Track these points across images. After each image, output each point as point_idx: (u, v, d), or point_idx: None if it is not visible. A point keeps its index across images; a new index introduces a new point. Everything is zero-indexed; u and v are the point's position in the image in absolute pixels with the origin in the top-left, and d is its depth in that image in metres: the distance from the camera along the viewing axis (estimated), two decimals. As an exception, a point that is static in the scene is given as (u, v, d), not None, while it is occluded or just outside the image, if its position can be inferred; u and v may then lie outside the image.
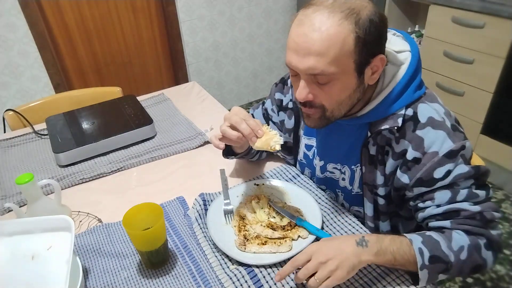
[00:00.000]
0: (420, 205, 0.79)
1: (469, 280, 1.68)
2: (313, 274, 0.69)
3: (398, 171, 0.80)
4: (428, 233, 0.75)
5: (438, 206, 0.76)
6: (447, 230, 0.75)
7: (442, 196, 0.75)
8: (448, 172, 0.74)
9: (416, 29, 2.54)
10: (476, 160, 1.00)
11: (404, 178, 0.79)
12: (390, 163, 0.81)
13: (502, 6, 1.81)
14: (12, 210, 0.95)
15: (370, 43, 0.70)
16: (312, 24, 0.69)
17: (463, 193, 0.74)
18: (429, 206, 0.77)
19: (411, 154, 0.76)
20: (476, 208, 0.74)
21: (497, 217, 0.76)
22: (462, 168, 0.74)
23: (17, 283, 0.74)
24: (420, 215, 0.80)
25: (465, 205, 0.74)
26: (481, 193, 0.75)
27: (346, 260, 0.69)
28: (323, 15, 0.68)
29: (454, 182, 0.74)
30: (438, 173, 0.74)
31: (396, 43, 0.81)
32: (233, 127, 0.83)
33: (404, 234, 0.75)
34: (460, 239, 0.73)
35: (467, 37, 2.01)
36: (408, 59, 0.79)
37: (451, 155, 0.73)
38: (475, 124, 2.12)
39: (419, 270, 0.71)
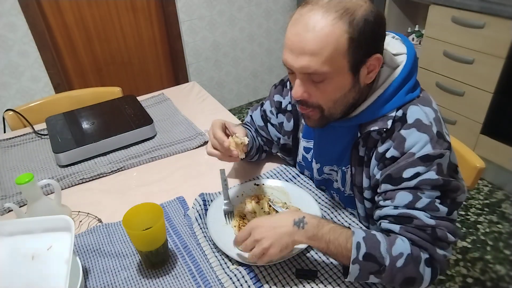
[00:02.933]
0: (381, 202, 0.78)
1: (469, 280, 1.68)
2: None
3: (375, 169, 0.80)
4: (373, 232, 0.75)
5: (396, 207, 0.75)
6: (393, 234, 0.74)
7: (402, 198, 0.74)
8: (416, 174, 0.72)
9: (416, 29, 2.54)
10: (476, 160, 1.00)
11: (378, 175, 0.79)
12: (372, 163, 0.81)
13: (502, 6, 1.81)
14: (12, 210, 0.95)
15: (364, 43, 0.70)
16: (306, 23, 0.69)
17: (423, 201, 0.72)
18: (387, 206, 0.76)
19: (390, 152, 0.76)
20: (431, 221, 0.72)
21: (451, 239, 0.73)
22: (431, 175, 0.72)
23: (17, 283, 0.74)
24: (378, 212, 0.79)
25: (421, 215, 0.72)
26: (443, 209, 0.73)
27: (279, 240, 0.73)
28: (317, 14, 0.69)
29: (419, 187, 0.73)
30: (407, 173, 0.73)
31: (394, 46, 0.81)
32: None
33: (350, 226, 0.75)
34: (402, 246, 0.71)
35: (467, 37, 2.01)
36: (404, 62, 0.78)
37: (426, 159, 0.72)
38: (475, 124, 2.12)
39: (351, 264, 0.70)
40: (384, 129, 0.76)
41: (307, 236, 0.73)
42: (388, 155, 0.76)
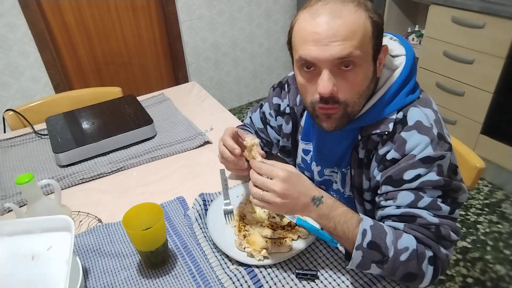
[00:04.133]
0: (382, 203, 0.78)
1: (469, 280, 1.68)
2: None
3: (375, 170, 0.80)
4: (382, 223, 0.75)
5: (398, 207, 0.75)
6: (399, 230, 0.74)
7: (404, 197, 0.74)
8: (418, 176, 0.72)
9: (416, 29, 2.54)
10: (476, 160, 1.00)
11: (378, 176, 0.79)
12: (372, 165, 0.81)
13: (502, 6, 1.82)
14: (12, 210, 0.95)
15: (381, 29, 0.73)
16: (331, 13, 0.69)
17: (426, 200, 0.73)
18: (389, 206, 0.76)
19: (391, 154, 0.76)
20: (434, 219, 0.72)
21: (454, 238, 0.74)
22: (432, 176, 0.72)
23: (17, 283, 0.74)
24: (379, 213, 0.79)
25: (424, 213, 0.72)
26: (445, 207, 0.73)
27: (293, 207, 0.72)
28: (337, 5, 0.70)
29: (421, 188, 0.73)
30: (408, 175, 0.73)
31: (392, 48, 0.81)
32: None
33: (360, 214, 0.74)
34: (408, 241, 0.71)
35: (467, 37, 2.01)
36: (403, 64, 0.79)
37: (426, 161, 0.72)
38: (475, 124, 2.12)
39: (354, 249, 0.70)
40: (386, 132, 0.76)
41: (319, 214, 0.73)
42: (388, 157, 0.76)
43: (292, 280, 0.78)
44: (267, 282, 0.78)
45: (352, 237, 0.71)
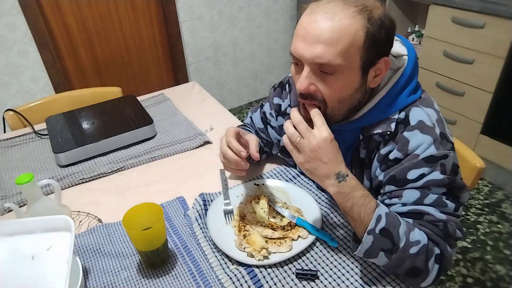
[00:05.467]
0: (387, 201, 0.78)
1: (469, 280, 1.68)
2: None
3: (378, 170, 0.80)
4: (396, 214, 0.74)
5: (404, 205, 0.74)
6: (411, 224, 0.74)
7: (410, 195, 0.74)
8: (422, 176, 0.73)
9: (416, 29, 2.54)
10: (476, 160, 1.00)
11: (381, 176, 0.79)
12: (374, 165, 0.81)
13: (502, 6, 1.81)
14: (12, 210, 0.95)
15: (378, 42, 0.70)
16: (326, 12, 0.68)
17: (431, 197, 0.73)
18: (395, 204, 0.76)
19: (394, 154, 0.76)
20: (442, 216, 0.72)
21: (459, 236, 0.74)
22: (436, 175, 0.72)
23: (17, 283, 0.74)
24: None
25: (431, 210, 0.72)
26: (451, 204, 0.73)
27: (316, 169, 0.72)
28: (337, 6, 0.69)
29: (426, 186, 0.73)
30: (412, 174, 0.73)
31: (394, 48, 0.81)
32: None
33: (378, 200, 0.74)
34: (420, 235, 0.71)
35: (467, 37, 2.01)
36: (405, 64, 0.78)
37: (430, 160, 0.72)
38: (475, 124, 2.12)
39: (365, 234, 0.69)
40: (388, 132, 0.76)
41: (338, 191, 0.72)
42: (391, 156, 0.76)
43: (292, 280, 0.78)
44: (267, 282, 0.78)
45: (366, 221, 0.70)
